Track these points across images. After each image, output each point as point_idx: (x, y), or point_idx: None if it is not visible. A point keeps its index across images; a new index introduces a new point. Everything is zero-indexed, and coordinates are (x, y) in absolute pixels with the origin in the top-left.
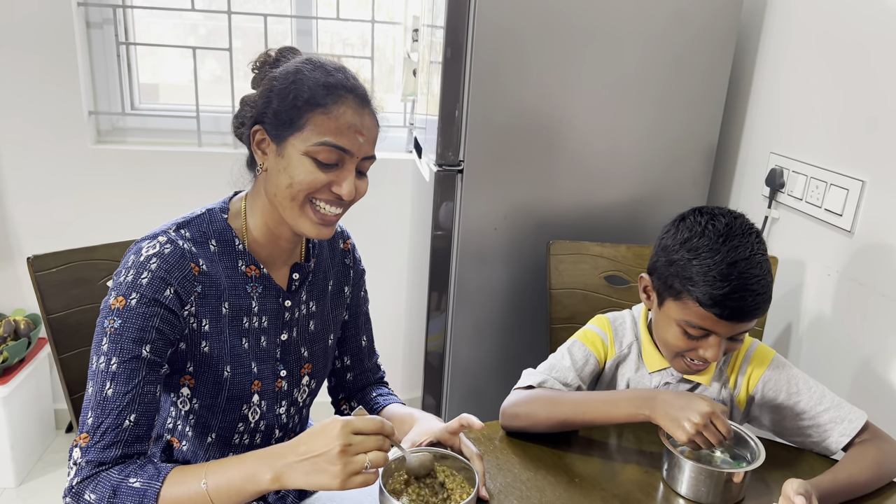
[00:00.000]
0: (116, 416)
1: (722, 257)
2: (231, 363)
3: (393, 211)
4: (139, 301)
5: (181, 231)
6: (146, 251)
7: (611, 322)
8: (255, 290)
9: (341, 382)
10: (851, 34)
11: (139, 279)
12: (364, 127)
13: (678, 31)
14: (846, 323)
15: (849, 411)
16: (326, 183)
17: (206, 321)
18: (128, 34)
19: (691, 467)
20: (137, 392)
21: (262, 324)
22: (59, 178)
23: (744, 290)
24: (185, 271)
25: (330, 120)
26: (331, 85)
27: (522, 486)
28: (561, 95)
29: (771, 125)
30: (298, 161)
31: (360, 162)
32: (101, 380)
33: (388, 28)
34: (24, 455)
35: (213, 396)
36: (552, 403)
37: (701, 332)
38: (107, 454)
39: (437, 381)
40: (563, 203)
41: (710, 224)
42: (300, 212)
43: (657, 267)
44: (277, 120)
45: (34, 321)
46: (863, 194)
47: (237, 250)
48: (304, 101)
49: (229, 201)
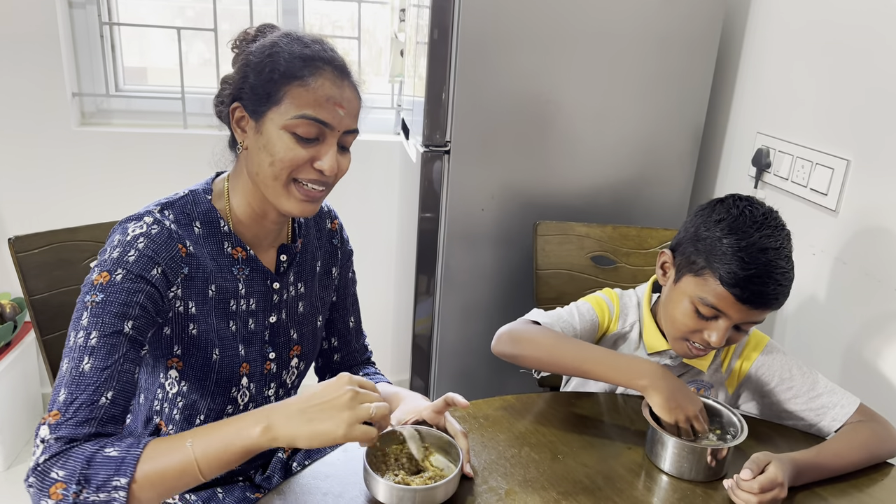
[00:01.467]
0: (93, 391)
1: (754, 241)
2: (219, 346)
3: (380, 193)
4: (125, 276)
5: (165, 212)
6: (133, 231)
7: (619, 297)
8: (242, 273)
9: (328, 363)
10: (838, 15)
11: (126, 256)
12: (344, 99)
13: (666, 12)
14: (831, 302)
15: (841, 396)
16: (308, 159)
17: (192, 304)
18: (111, 14)
19: (674, 444)
20: (116, 369)
21: (249, 306)
22: (42, 160)
23: (768, 276)
24: (173, 252)
25: (308, 92)
26: (307, 56)
27: (507, 463)
28: (548, 76)
29: (757, 105)
30: (277, 136)
31: (341, 136)
32: (79, 355)
33: (376, 8)
34: (12, 439)
35: (201, 379)
36: (556, 339)
37: (712, 313)
38: (79, 431)
39: (424, 363)
40: (550, 184)
41: (748, 209)
42: (284, 191)
43: (682, 242)
44: (255, 95)
45: (20, 305)
46: (847, 173)
47: (222, 232)
48: (280, 73)
49: (212, 182)
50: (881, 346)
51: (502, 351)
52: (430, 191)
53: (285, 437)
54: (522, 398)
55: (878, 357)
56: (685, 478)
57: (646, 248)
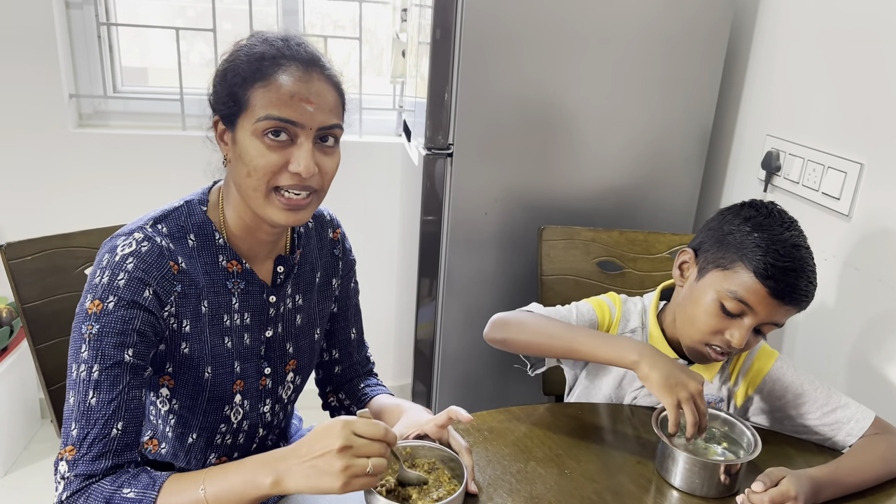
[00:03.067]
0: (103, 425)
1: (786, 237)
2: (212, 363)
3: (382, 196)
4: (117, 304)
5: (158, 226)
6: (121, 250)
7: (622, 302)
8: (237, 287)
9: (329, 375)
10: (849, 15)
11: (115, 280)
12: (312, 93)
13: (673, 12)
14: (843, 309)
15: (856, 410)
16: (282, 164)
17: (186, 322)
18: (109, 15)
19: (685, 459)
20: (122, 399)
21: (244, 321)
22: (39, 162)
23: (802, 270)
24: (164, 270)
25: (270, 92)
26: (268, 55)
27: (512, 479)
28: (552, 77)
29: (767, 107)
30: (249, 144)
31: (318, 134)
32: (84, 389)
33: (378, 8)
34: (9, 445)
35: (193, 398)
36: (544, 321)
37: (739, 308)
38: (96, 466)
39: (427, 369)
40: (554, 187)
41: (776, 211)
42: (266, 201)
43: (706, 241)
44: (223, 104)
45: (17, 309)
46: (861, 178)
47: (217, 244)
48: (241, 77)
49: (209, 192)
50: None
51: (492, 336)
52: (433, 194)
53: (293, 489)
54: (527, 409)
55: (893, 366)
56: (697, 494)
57: (653, 253)
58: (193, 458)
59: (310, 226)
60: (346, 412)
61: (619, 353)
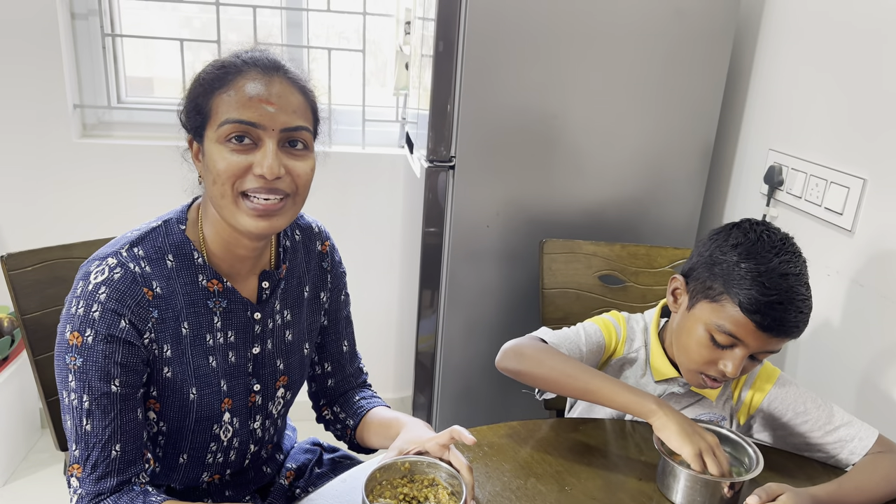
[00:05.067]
0: (101, 449)
1: (773, 266)
2: (196, 384)
3: (384, 207)
4: (94, 338)
5: (134, 250)
6: (94, 278)
7: (626, 321)
8: (219, 306)
9: (322, 388)
10: (852, 29)
11: (90, 313)
12: (273, 94)
13: (675, 26)
14: (846, 326)
15: (859, 428)
16: (245, 167)
17: (167, 346)
18: (114, 26)
19: (686, 476)
20: (117, 424)
21: (228, 339)
22: (43, 173)
23: (790, 303)
24: (138, 297)
25: (230, 97)
26: (228, 63)
27: (512, 496)
28: (555, 90)
29: (770, 121)
30: (214, 151)
31: (281, 135)
32: (78, 415)
33: (381, 20)
34: (9, 454)
35: (180, 420)
36: (562, 361)
37: (729, 341)
38: (102, 485)
39: (428, 381)
40: (556, 200)
41: (766, 234)
42: (235, 208)
43: (696, 268)
44: (192, 120)
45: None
46: (864, 193)
47: (196, 264)
48: (203, 88)
49: (187, 210)
50: None
51: (506, 366)
52: (435, 206)
53: None
54: (528, 424)
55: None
56: None
57: (655, 267)
58: (186, 478)
59: (297, 239)
60: (341, 425)
61: (636, 402)
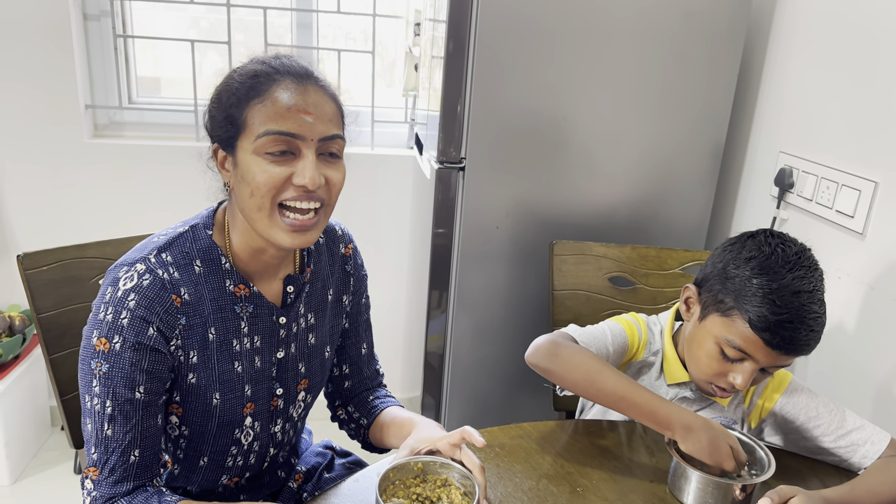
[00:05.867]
0: (121, 454)
1: (786, 283)
2: (220, 390)
3: (394, 208)
4: (122, 345)
5: (162, 255)
6: (123, 284)
7: (646, 323)
8: (245, 311)
9: (339, 389)
10: (863, 30)
11: (119, 319)
12: (309, 104)
13: (685, 27)
14: (857, 329)
15: (871, 432)
16: (286, 178)
17: (193, 353)
18: (125, 27)
19: (698, 478)
20: (138, 430)
21: (254, 344)
22: (55, 172)
23: (800, 321)
24: (167, 304)
25: (266, 107)
26: (260, 72)
27: (524, 497)
28: (565, 92)
29: (780, 123)
30: (252, 163)
31: (319, 145)
32: (99, 420)
33: (390, 22)
34: (19, 453)
35: (202, 424)
36: (598, 366)
37: (739, 356)
38: (117, 489)
39: (436, 382)
40: (566, 202)
41: (781, 248)
42: (270, 221)
43: (709, 279)
44: (222, 129)
45: (30, 317)
46: (875, 196)
47: (224, 269)
48: (237, 98)
49: (213, 214)
50: None
51: (538, 363)
52: (444, 207)
53: None
54: (539, 426)
55: None
56: None
57: (665, 269)
58: (205, 480)
59: (321, 241)
60: (355, 424)
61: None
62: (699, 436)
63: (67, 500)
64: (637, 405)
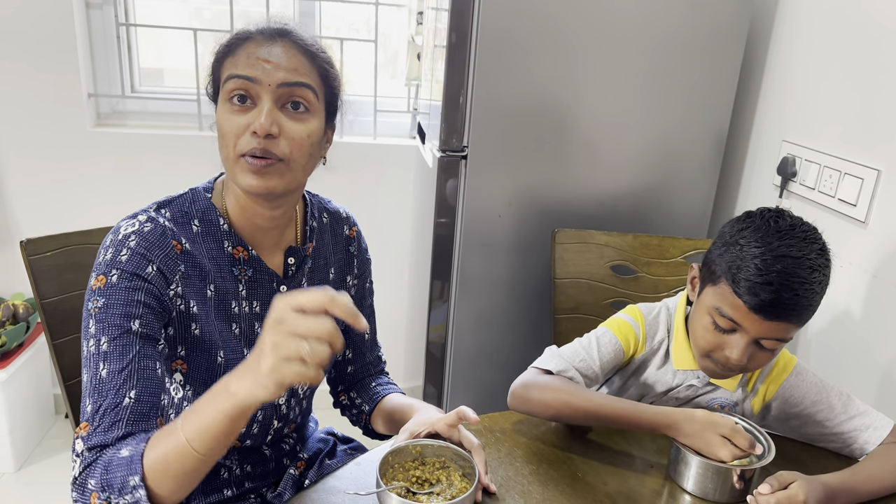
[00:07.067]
0: (115, 395)
1: (770, 248)
2: (224, 348)
3: (396, 197)
4: (120, 276)
5: (161, 210)
6: (125, 230)
7: (644, 316)
8: (244, 274)
9: (341, 375)
10: (868, 19)
11: (118, 256)
12: (273, 55)
13: (690, 16)
14: (860, 317)
15: (874, 418)
16: (245, 126)
17: (193, 302)
18: (128, 15)
19: (698, 463)
20: (134, 367)
21: (253, 308)
22: (58, 161)
23: (781, 284)
24: (167, 249)
25: (236, 59)
26: (239, 32)
27: (524, 481)
28: (568, 81)
29: (783, 112)
30: (220, 112)
31: (279, 92)
32: (95, 362)
33: (393, 11)
34: (23, 440)
35: (206, 384)
36: (569, 400)
37: (729, 325)
38: (108, 436)
39: (438, 371)
40: (568, 190)
41: (774, 220)
42: (235, 167)
43: (709, 254)
44: (210, 88)
45: (33, 305)
46: (878, 184)
47: (222, 230)
48: (218, 56)
49: (214, 181)
50: None
51: (517, 408)
52: (447, 196)
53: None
54: None
55: None
56: (709, 499)
57: (667, 257)
58: None
59: (324, 221)
60: (357, 410)
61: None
62: (685, 431)
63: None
64: (618, 417)
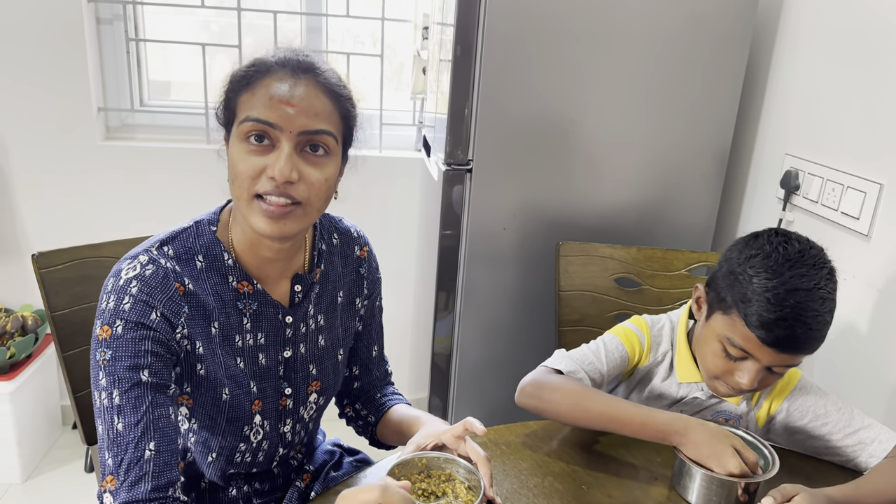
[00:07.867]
0: (134, 449)
1: (782, 281)
2: (229, 384)
3: (401, 210)
4: (125, 327)
5: (164, 249)
6: (125, 274)
7: (650, 326)
8: (249, 308)
9: (348, 389)
10: (870, 33)
11: (121, 305)
12: (295, 97)
13: (692, 31)
14: (864, 330)
15: (879, 431)
16: (261, 168)
17: (199, 343)
18: (138, 31)
19: (702, 476)
20: (149, 419)
21: (258, 341)
22: (67, 174)
23: (795, 319)
24: (170, 292)
25: (254, 97)
26: (257, 62)
27: (529, 493)
28: (572, 94)
29: (786, 126)
30: (235, 150)
31: (300, 138)
32: (109, 416)
33: (399, 25)
34: (31, 451)
35: (211, 418)
36: (580, 399)
37: (740, 354)
38: (136, 492)
39: (443, 383)
40: (573, 203)
41: (783, 246)
42: (249, 208)
43: (716, 277)
44: (222, 115)
45: (42, 317)
46: (881, 197)
47: (226, 265)
48: (234, 86)
49: (220, 211)
50: None
51: (525, 404)
52: (452, 209)
53: None
54: (545, 424)
55: None
56: None
57: (671, 270)
58: (214, 475)
59: (334, 242)
60: (363, 421)
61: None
62: (695, 439)
63: (78, 499)
64: (628, 422)
